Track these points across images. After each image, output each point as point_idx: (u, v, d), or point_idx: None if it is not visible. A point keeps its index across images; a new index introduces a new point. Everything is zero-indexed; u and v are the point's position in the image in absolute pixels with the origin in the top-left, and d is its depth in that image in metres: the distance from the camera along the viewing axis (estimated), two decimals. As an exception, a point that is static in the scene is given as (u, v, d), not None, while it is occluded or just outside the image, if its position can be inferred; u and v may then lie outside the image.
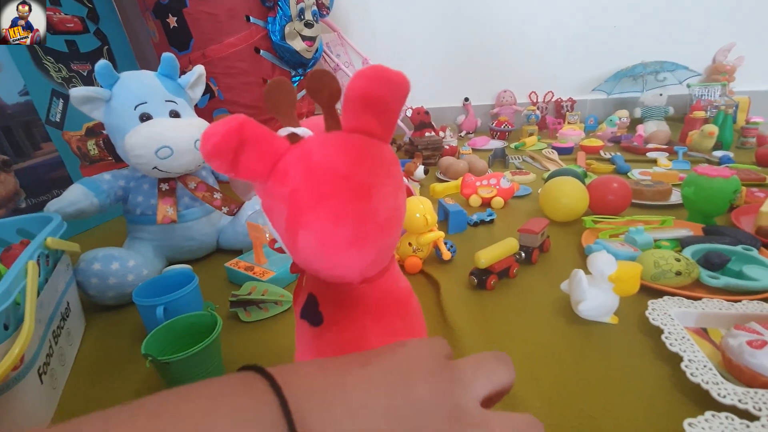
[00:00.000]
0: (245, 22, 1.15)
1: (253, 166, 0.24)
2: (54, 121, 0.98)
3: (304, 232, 0.23)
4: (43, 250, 0.51)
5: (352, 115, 0.25)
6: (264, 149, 0.24)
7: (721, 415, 0.36)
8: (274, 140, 0.24)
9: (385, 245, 0.25)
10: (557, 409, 0.40)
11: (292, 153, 0.24)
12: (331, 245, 0.23)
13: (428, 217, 0.65)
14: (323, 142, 0.25)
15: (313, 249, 0.24)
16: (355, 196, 0.23)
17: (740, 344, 0.41)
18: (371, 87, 0.24)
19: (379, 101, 0.24)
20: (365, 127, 0.25)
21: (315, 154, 0.24)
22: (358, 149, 0.24)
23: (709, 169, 0.73)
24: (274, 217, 0.25)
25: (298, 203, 0.23)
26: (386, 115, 0.25)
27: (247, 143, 0.23)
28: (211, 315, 0.48)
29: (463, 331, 0.52)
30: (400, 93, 0.25)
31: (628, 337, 0.50)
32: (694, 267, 0.56)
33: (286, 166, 0.24)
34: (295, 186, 0.23)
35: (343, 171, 0.23)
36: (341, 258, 0.24)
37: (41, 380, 0.44)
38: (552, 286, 0.60)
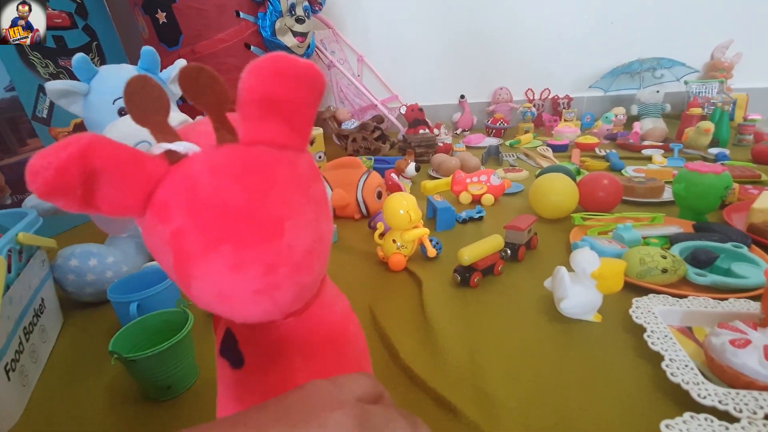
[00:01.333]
0: (235, 17, 1.14)
1: (116, 200, 0.19)
2: (41, 117, 0.97)
3: (197, 284, 0.19)
4: (14, 245, 0.50)
5: (252, 123, 0.20)
6: (128, 177, 0.18)
7: (700, 417, 0.35)
8: (142, 163, 0.19)
9: (307, 283, 0.21)
10: (534, 409, 0.39)
11: (172, 179, 0.19)
12: (233, 297, 0.19)
13: (411, 213, 0.64)
14: (214, 163, 0.19)
15: (211, 300, 0.19)
16: (261, 237, 0.18)
17: (723, 343, 0.40)
18: (273, 86, 0.19)
19: (285, 103, 0.19)
20: (270, 137, 0.20)
21: (202, 182, 0.19)
22: (261, 171, 0.19)
23: (700, 165, 0.71)
24: (158, 257, 0.20)
25: (184, 248, 0.19)
26: (297, 118, 0.20)
27: (100, 173, 0.17)
28: (183, 312, 0.47)
29: (442, 329, 0.51)
30: (311, 90, 0.20)
31: (610, 335, 0.49)
32: (680, 264, 0.55)
33: (166, 197, 0.19)
34: (179, 226, 0.18)
35: (241, 205, 0.18)
36: (248, 309, 0.19)
37: (8, 377, 0.43)
38: (537, 283, 0.59)
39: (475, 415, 0.38)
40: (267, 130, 0.20)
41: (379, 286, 0.64)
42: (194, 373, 0.47)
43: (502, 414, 0.39)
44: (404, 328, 0.52)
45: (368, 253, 0.73)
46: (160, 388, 0.43)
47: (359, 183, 0.89)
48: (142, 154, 0.19)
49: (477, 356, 0.47)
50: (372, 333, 0.53)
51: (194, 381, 0.46)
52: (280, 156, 0.20)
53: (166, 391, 0.44)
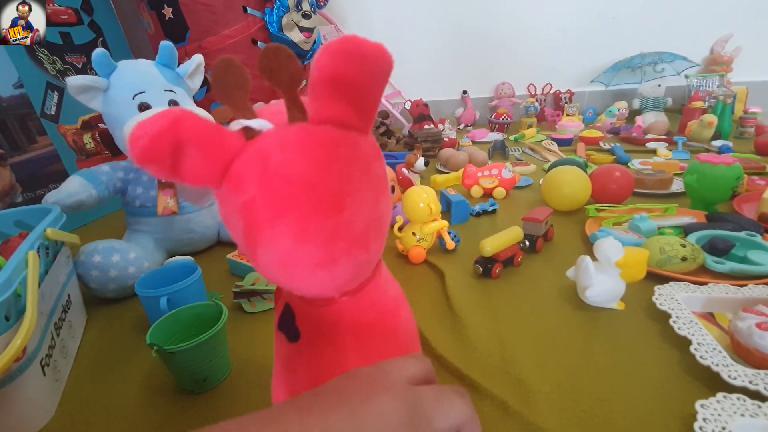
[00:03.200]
0: (242, 13, 1.14)
1: (198, 170, 0.20)
2: (49, 114, 0.97)
3: (263, 251, 0.20)
4: (42, 241, 0.50)
5: (320, 103, 0.20)
6: (210, 150, 0.20)
7: (733, 396, 0.36)
8: (222, 138, 0.20)
9: (364, 260, 0.21)
10: (567, 394, 0.40)
11: (247, 153, 0.20)
12: (294, 267, 0.20)
13: (432, 206, 0.65)
14: (284, 139, 0.20)
15: (275, 270, 0.20)
16: (323, 210, 0.19)
17: (749, 326, 0.41)
18: (342, 66, 0.19)
19: (353, 83, 0.20)
20: (337, 117, 0.20)
21: (273, 156, 0.20)
22: (326, 148, 0.20)
23: (712, 156, 0.73)
24: (231, 227, 0.22)
25: (254, 217, 0.20)
26: (363, 99, 0.21)
27: (186, 144, 0.19)
28: (216, 305, 0.47)
29: (469, 319, 0.51)
30: (379, 71, 0.20)
31: (635, 322, 0.50)
32: (699, 253, 0.56)
33: (241, 170, 0.20)
34: (250, 196, 0.19)
35: (306, 178, 0.19)
36: (308, 281, 0.20)
37: (44, 372, 0.43)
38: (557, 273, 0.60)
39: (512, 400, 0.39)
40: (334, 110, 0.20)
41: (401, 278, 0.63)
42: (228, 366, 0.47)
43: (539, 399, 0.40)
44: (431, 318, 0.53)
45: (387, 247, 0.73)
46: (197, 381, 0.44)
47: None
48: (223, 130, 0.20)
49: (506, 344, 0.47)
50: (400, 324, 0.53)
51: (228, 374, 0.47)
52: (345, 135, 0.21)
53: (202, 384, 0.44)
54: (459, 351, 0.47)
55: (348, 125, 0.21)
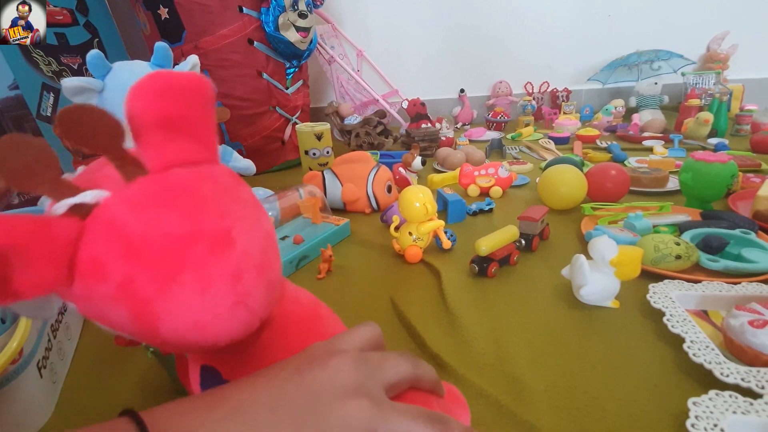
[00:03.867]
0: (238, 13, 1.14)
1: (39, 280, 0.16)
2: (45, 115, 0.97)
3: (166, 323, 0.18)
4: (38, 244, 0.50)
5: (156, 149, 0.18)
6: (42, 250, 0.16)
7: (725, 394, 0.36)
8: (49, 229, 0.17)
9: (273, 280, 0.21)
10: (561, 392, 0.41)
11: (93, 233, 0.17)
12: (210, 320, 0.19)
13: (428, 205, 0.65)
14: (133, 201, 0.18)
15: (189, 333, 0.19)
16: (216, 252, 0.18)
17: (742, 324, 0.41)
18: (165, 103, 0.18)
19: (183, 118, 0.19)
20: (181, 157, 0.19)
21: (130, 224, 0.17)
22: (187, 192, 0.18)
23: (707, 154, 0.73)
24: (108, 318, 0.19)
25: (138, 296, 0.17)
26: (200, 131, 0.20)
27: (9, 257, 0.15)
28: (212, 306, 0.47)
29: (465, 318, 0.52)
30: (204, 99, 0.20)
31: (629, 320, 0.50)
32: (693, 251, 0.57)
33: (94, 254, 0.17)
34: (123, 275, 0.17)
35: (180, 230, 0.18)
36: (229, 325, 0.19)
37: (41, 374, 0.43)
38: (553, 272, 0.60)
39: (506, 399, 0.40)
40: (175, 150, 0.19)
41: (398, 278, 0.65)
42: (224, 366, 0.47)
43: (533, 397, 0.40)
44: (427, 317, 0.53)
45: (383, 246, 0.74)
46: (193, 381, 0.44)
47: (369, 177, 0.90)
48: (49, 220, 0.17)
49: (501, 343, 0.48)
50: (396, 323, 0.54)
51: (224, 373, 0.47)
52: (198, 172, 0.20)
53: (199, 384, 0.44)
54: (454, 350, 0.47)
55: (195, 161, 0.20)
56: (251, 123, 1.24)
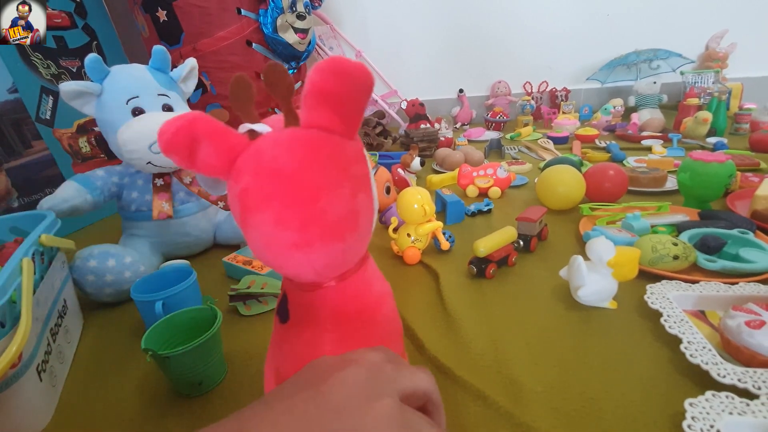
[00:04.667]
0: (236, 14, 1.14)
1: (209, 161, 0.24)
2: (44, 118, 0.97)
3: (251, 232, 0.24)
4: (37, 248, 0.50)
5: (309, 111, 0.24)
6: (219, 145, 0.24)
7: (722, 395, 0.36)
8: (230, 136, 0.24)
9: (338, 249, 0.24)
10: (559, 393, 0.41)
11: (248, 151, 0.24)
12: (274, 247, 0.24)
13: (426, 207, 0.65)
14: (276, 140, 0.24)
15: (260, 249, 0.24)
16: (299, 199, 0.23)
17: (739, 324, 0.41)
18: (327, 81, 0.23)
19: (336, 96, 0.23)
20: (323, 123, 0.24)
21: (265, 153, 0.24)
22: (309, 147, 0.24)
23: (705, 154, 0.73)
24: (233, 211, 0.26)
25: (246, 203, 0.23)
26: (347, 109, 0.24)
27: (201, 139, 0.23)
28: (211, 309, 0.48)
29: (463, 320, 0.52)
30: (360, 86, 0.23)
31: (627, 321, 0.50)
32: (691, 251, 0.57)
33: (241, 164, 0.24)
34: (245, 185, 0.23)
35: (288, 171, 0.23)
36: (286, 260, 0.24)
37: (40, 378, 0.43)
38: (551, 273, 0.60)
39: (504, 400, 0.40)
40: (320, 117, 0.24)
41: (396, 279, 0.65)
42: (223, 370, 0.47)
43: (530, 398, 0.40)
44: (426, 319, 0.54)
45: (382, 248, 0.74)
46: (192, 384, 0.44)
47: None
48: (231, 130, 0.24)
49: (499, 345, 0.48)
50: (394, 325, 0.54)
51: (223, 377, 0.47)
52: (329, 138, 0.24)
53: (198, 387, 0.45)
54: (452, 352, 0.47)
55: (333, 130, 0.24)
56: (250, 124, 1.23)
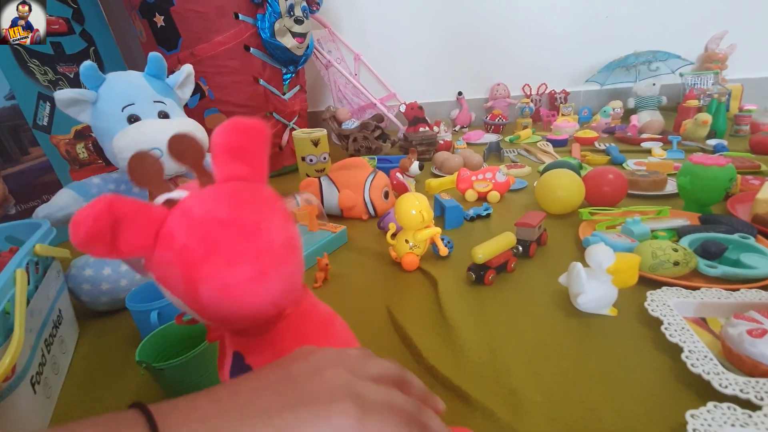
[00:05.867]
0: (234, 19, 1.13)
1: (135, 241, 0.23)
2: (41, 125, 0.96)
3: (204, 284, 0.24)
4: (32, 258, 0.50)
5: (223, 167, 0.26)
6: (142, 221, 0.23)
7: (723, 406, 0.36)
8: (150, 211, 0.24)
9: (289, 273, 0.26)
10: (558, 403, 0.40)
11: (173, 215, 0.24)
12: (233, 288, 0.24)
13: (424, 213, 0.65)
14: (200, 196, 0.25)
15: (218, 297, 0.24)
16: (244, 236, 0.24)
17: (740, 333, 0.41)
18: (232, 139, 0.26)
19: (243, 149, 0.26)
20: (237, 174, 0.26)
21: (194, 210, 0.24)
22: (234, 194, 0.25)
23: (705, 157, 0.72)
24: (170, 284, 0.25)
25: (189, 260, 0.23)
26: (254, 159, 0.27)
27: (121, 221, 0.22)
28: (206, 319, 0.47)
29: (461, 328, 0.51)
30: (260, 138, 0.27)
31: (627, 328, 0.50)
32: (691, 257, 0.56)
33: (169, 229, 0.24)
34: (182, 244, 0.23)
35: (225, 216, 0.24)
36: (248, 296, 0.25)
37: (34, 390, 0.43)
38: (550, 279, 0.60)
39: (502, 411, 0.39)
40: (233, 169, 0.26)
41: (395, 286, 0.64)
42: (217, 381, 0.47)
43: (529, 409, 0.39)
44: (424, 327, 0.53)
45: (380, 254, 0.74)
46: (187, 396, 0.44)
47: (366, 183, 0.89)
48: (149, 205, 0.24)
49: (498, 353, 0.47)
50: (392, 333, 0.53)
51: (219, 387, 0.47)
52: (246, 185, 0.26)
53: (193, 398, 0.44)
54: (450, 361, 0.47)
55: (247, 179, 0.26)
56: (248, 129, 1.23)
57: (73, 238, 0.21)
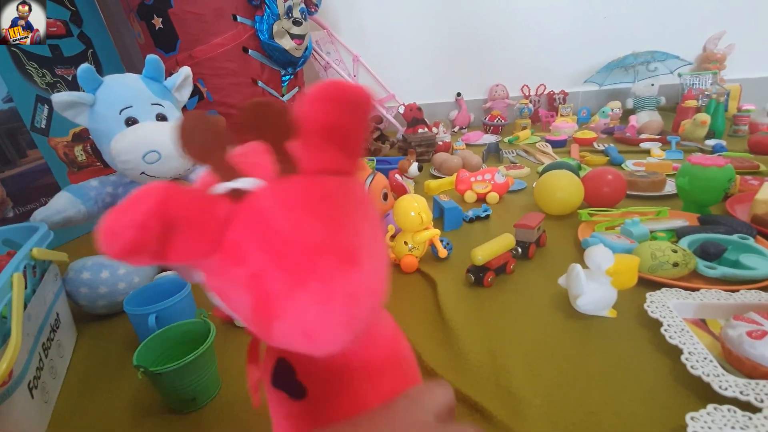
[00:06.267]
0: (232, 21, 1.13)
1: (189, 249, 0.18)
2: (39, 127, 0.96)
3: (282, 323, 0.18)
4: (29, 261, 0.49)
5: (315, 152, 0.19)
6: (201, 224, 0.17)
7: (723, 408, 0.36)
8: (211, 206, 0.18)
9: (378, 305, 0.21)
10: (558, 406, 0.40)
11: (242, 218, 0.18)
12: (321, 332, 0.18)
13: (423, 215, 0.64)
14: (282, 197, 0.18)
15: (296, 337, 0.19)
16: (343, 269, 0.18)
17: (740, 335, 0.41)
18: (335, 114, 0.19)
19: (345, 130, 0.19)
20: (332, 166, 0.20)
21: (275, 220, 0.18)
22: (330, 202, 0.19)
23: (703, 158, 0.72)
24: (230, 300, 0.20)
25: (266, 290, 0.18)
26: (354, 144, 0.20)
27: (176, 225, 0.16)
28: (204, 322, 0.47)
29: (461, 330, 0.51)
30: (365, 115, 0.20)
31: (627, 330, 0.50)
32: (690, 258, 0.56)
33: (238, 238, 0.18)
34: (258, 268, 0.18)
35: (318, 238, 0.18)
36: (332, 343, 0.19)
37: (32, 394, 0.43)
38: (550, 280, 0.59)
39: (502, 414, 0.39)
40: (329, 159, 0.20)
41: (394, 288, 0.64)
42: (217, 385, 0.47)
43: (529, 412, 0.39)
44: (423, 329, 0.53)
45: (379, 256, 0.74)
46: (185, 400, 0.44)
47: (365, 185, 0.89)
48: (212, 197, 0.18)
49: (498, 355, 0.47)
50: (391, 336, 0.53)
51: (217, 392, 0.46)
52: (342, 183, 0.20)
53: (191, 403, 0.44)
54: (450, 363, 0.46)
55: (341, 171, 0.20)
56: (247, 131, 1.23)
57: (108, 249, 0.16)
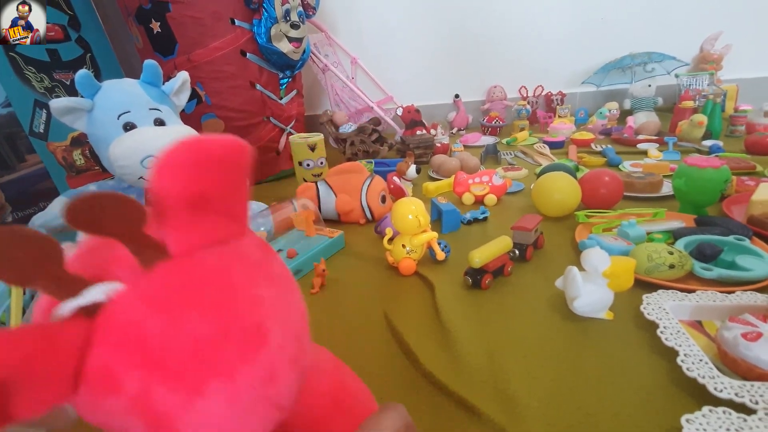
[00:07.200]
0: (230, 25, 1.14)
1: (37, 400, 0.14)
2: (38, 132, 0.97)
3: None
4: (27, 267, 0.49)
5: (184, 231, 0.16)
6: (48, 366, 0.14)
7: (719, 410, 0.36)
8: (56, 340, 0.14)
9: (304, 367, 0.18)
10: (556, 408, 0.40)
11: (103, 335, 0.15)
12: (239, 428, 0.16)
13: (420, 218, 0.65)
14: (148, 297, 0.15)
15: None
16: (247, 353, 0.16)
17: (735, 337, 0.41)
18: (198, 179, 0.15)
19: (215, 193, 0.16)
20: (211, 237, 0.16)
21: (144, 325, 0.15)
22: (215, 283, 0.16)
23: (700, 159, 0.73)
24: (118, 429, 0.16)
25: (158, 410, 0.15)
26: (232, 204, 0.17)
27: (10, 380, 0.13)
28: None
29: (459, 333, 0.51)
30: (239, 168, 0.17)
31: (623, 332, 0.50)
32: (687, 259, 0.56)
33: (103, 362, 0.15)
34: (140, 389, 0.15)
35: (207, 330, 0.15)
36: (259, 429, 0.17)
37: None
38: (547, 282, 0.60)
39: (499, 417, 0.39)
40: (203, 231, 0.16)
41: (392, 291, 0.64)
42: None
43: (526, 414, 0.40)
44: (421, 332, 0.53)
45: (377, 258, 0.74)
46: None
47: (363, 188, 0.89)
48: (52, 329, 0.14)
49: (495, 357, 0.47)
50: (389, 339, 0.53)
51: None
52: (227, 253, 0.17)
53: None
54: (447, 366, 0.47)
55: (224, 239, 0.17)
56: (246, 134, 1.23)
57: None
